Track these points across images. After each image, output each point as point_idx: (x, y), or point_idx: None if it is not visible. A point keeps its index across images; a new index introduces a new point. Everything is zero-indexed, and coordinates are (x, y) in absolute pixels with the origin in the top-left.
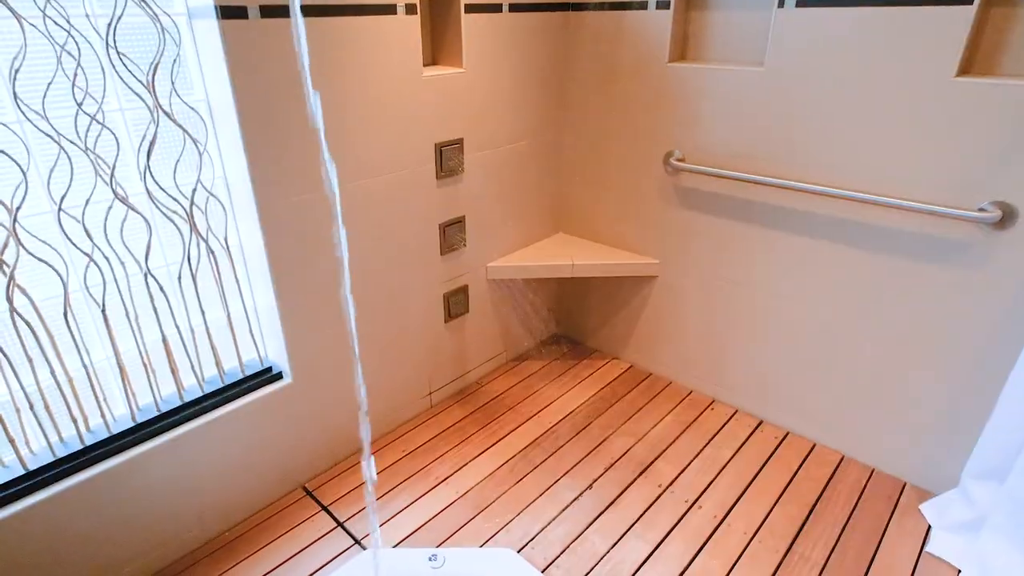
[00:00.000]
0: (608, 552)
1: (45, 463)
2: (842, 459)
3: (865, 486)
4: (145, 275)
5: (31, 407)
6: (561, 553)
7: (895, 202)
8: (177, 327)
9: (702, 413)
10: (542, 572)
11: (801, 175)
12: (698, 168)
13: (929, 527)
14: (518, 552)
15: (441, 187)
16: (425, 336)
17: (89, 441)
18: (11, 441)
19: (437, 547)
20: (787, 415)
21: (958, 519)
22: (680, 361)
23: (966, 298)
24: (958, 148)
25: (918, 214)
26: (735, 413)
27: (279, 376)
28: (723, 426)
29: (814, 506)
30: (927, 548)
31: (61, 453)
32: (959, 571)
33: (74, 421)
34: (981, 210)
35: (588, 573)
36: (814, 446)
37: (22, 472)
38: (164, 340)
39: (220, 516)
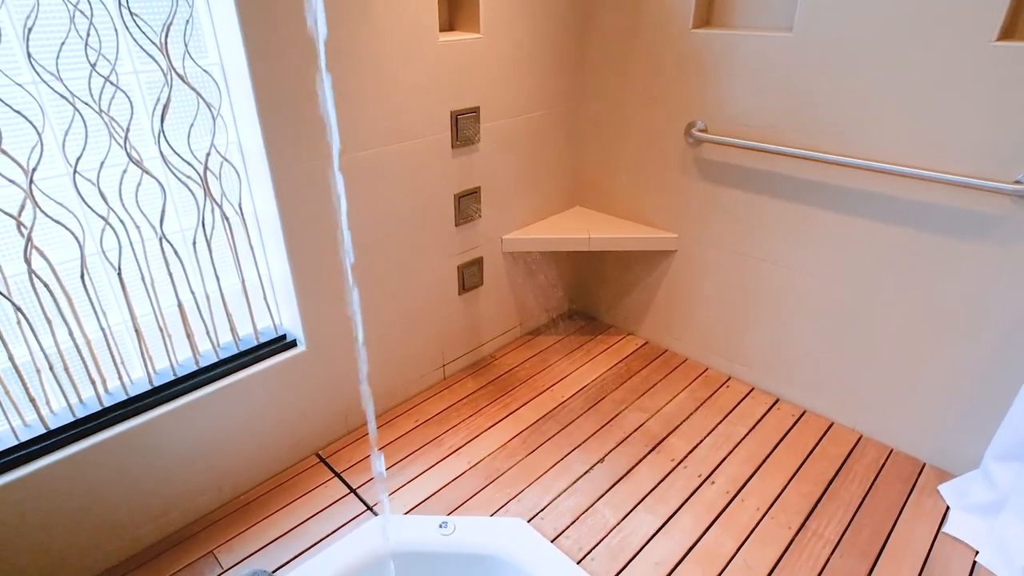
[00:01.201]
0: (618, 524)
1: (65, 423)
2: (860, 439)
3: (883, 466)
4: (160, 240)
5: (51, 368)
6: (571, 524)
7: (927, 174)
8: (192, 293)
9: (718, 390)
10: (551, 542)
11: (829, 146)
12: (721, 139)
13: (947, 508)
14: (528, 522)
15: (457, 156)
16: (438, 308)
17: (108, 403)
18: (32, 401)
19: (448, 515)
20: (805, 393)
21: (978, 500)
22: (697, 337)
23: (996, 275)
24: (996, 117)
25: (951, 187)
26: (751, 391)
27: (293, 344)
28: (739, 403)
29: (829, 484)
30: (944, 528)
31: (81, 414)
32: (977, 552)
33: (92, 383)
34: (1018, 183)
35: (597, 544)
36: (831, 425)
37: (43, 431)
38: (180, 305)
39: (236, 480)
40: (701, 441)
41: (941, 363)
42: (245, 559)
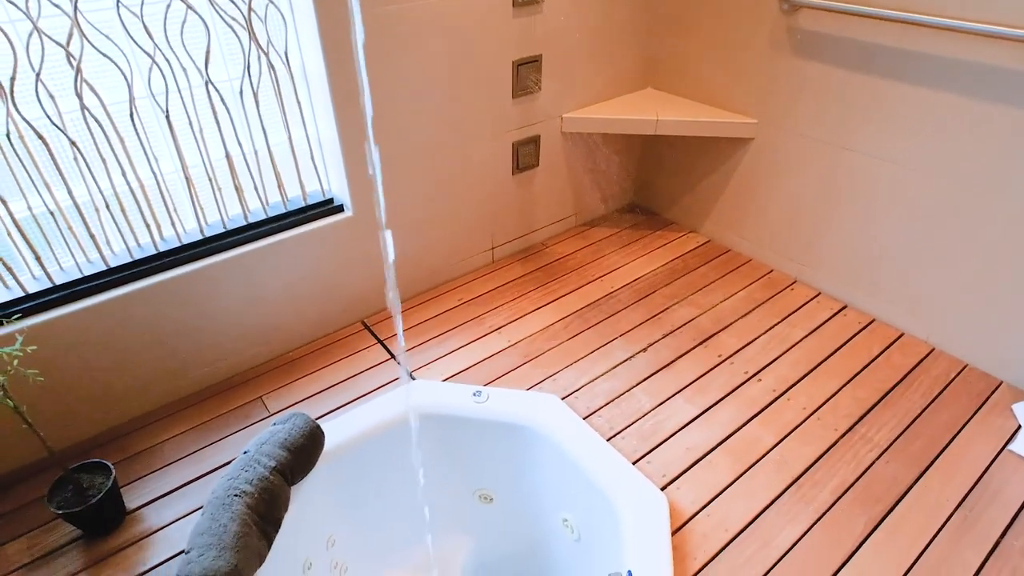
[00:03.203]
0: (653, 409)
1: (124, 262)
2: (931, 351)
3: (953, 379)
4: (206, 84)
5: (107, 207)
6: (604, 405)
7: None
8: (240, 145)
9: (780, 292)
10: (583, 419)
11: (952, 10)
12: (823, 3)
13: (1019, 427)
14: (562, 400)
15: (517, 18)
16: (490, 187)
17: (163, 248)
18: (92, 237)
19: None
20: (876, 301)
21: None
22: (765, 237)
23: None
24: None
25: None
26: (817, 295)
27: (340, 208)
28: (801, 306)
29: (889, 392)
30: (1011, 447)
31: (138, 256)
32: None
33: (148, 228)
34: None
35: (629, 426)
36: (901, 335)
37: (104, 268)
38: (228, 157)
39: (284, 337)
40: (754, 340)
41: None
42: (290, 407)
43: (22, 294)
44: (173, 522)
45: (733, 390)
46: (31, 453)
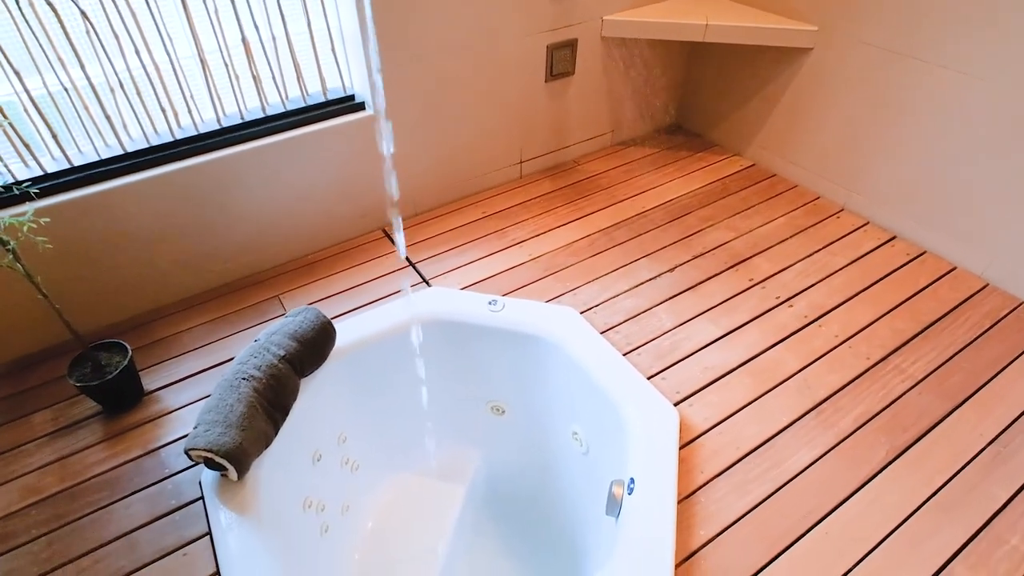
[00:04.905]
0: (674, 329)
1: (141, 148)
2: (985, 287)
3: (1005, 316)
4: None
5: (122, 87)
6: (624, 321)
7: None
8: (257, 29)
9: (825, 219)
10: (600, 334)
11: None
12: None
13: None
14: (580, 314)
15: None
16: (521, 92)
17: (179, 136)
18: (108, 118)
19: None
20: (930, 231)
21: None
22: (815, 161)
23: None
24: None
25: None
26: (865, 224)
27: (361, 106)
28: (847, 235)
29: (931, 325)
30: None
31: (155, 142)
32: None
33: (163, 113)
34: None
35: (647, 343)
36: (954, 268)
37: (121, 152)
38: (244, 41)
39: (303, 239)
40: (790, 266)
41: None
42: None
43: (41, 173)
44: (188, 404)
45: (761, 314)
46: (56, 335)
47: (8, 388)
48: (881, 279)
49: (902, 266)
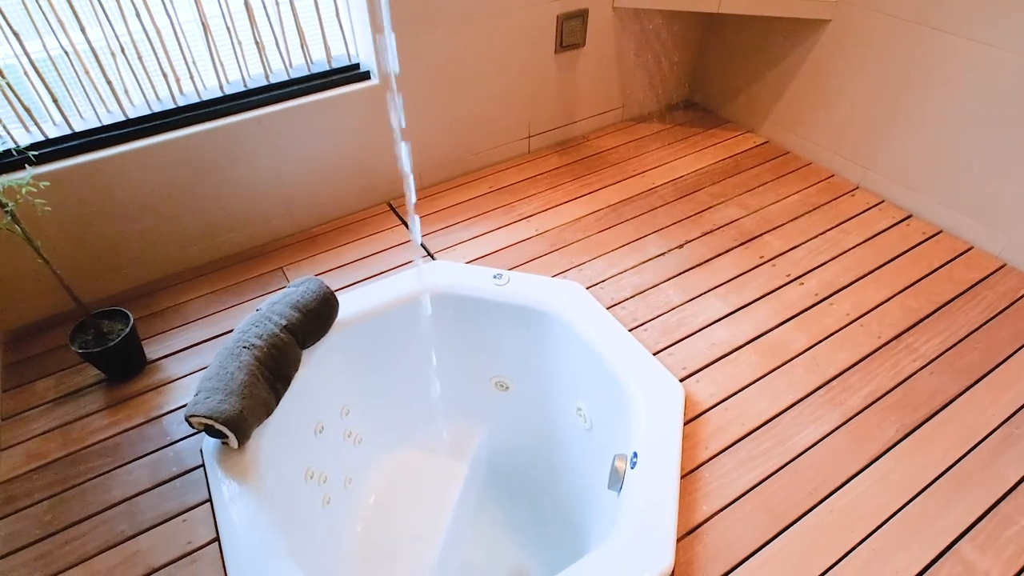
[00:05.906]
0: (681, 305)
1: (143, 114)
2: (1002, 267)
3: (1022, 297)
4: None
5: (123, 51)
6: (630, 297)
7: None
8: None
9: (839, 197)
10: (606, 309)
11: None
12: None
13: None
14: (586, 289)
15: None
16: (530, 64)
17: (182, 103)
18: (109, 83)
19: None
20: (947, 211)
21: None
22: (830, 138)
23: None
24: None
25: None
26: (880, 203)
27: (367, 75)
28: (861, 213)
29: (946, 304)
30: None
31: (157, 108)
32: None
33: (165, 78)
34: None
35: (653, 319)
36: (970, 248)
37: (123, 119)
38: (247, 6)
39: (307, 212)
40: (801, 244)
41: None
42: None
43: (43, 138)
44: (190, 373)
45: (771, 291)
46: (59, 304)
47: (12, 355)
48: (895, 258)
49: (917, 245)
